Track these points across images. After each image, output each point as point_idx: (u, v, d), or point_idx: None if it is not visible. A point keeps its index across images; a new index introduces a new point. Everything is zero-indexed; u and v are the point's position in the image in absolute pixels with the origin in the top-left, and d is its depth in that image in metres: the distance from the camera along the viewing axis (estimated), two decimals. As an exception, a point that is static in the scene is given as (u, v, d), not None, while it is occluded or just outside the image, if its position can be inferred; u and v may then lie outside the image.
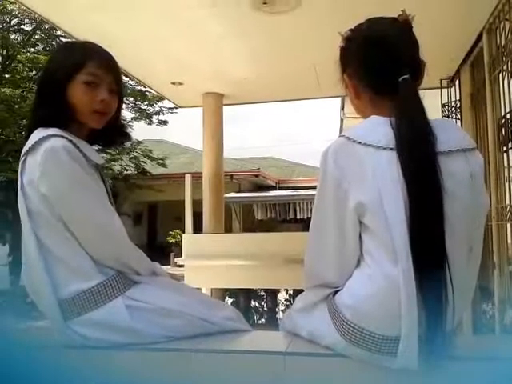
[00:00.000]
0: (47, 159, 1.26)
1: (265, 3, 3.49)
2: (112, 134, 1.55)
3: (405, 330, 1.06)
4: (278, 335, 1.40)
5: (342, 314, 1.17)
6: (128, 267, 1.35)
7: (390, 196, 1.11)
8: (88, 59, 1.40)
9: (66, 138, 1.30)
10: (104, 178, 1.48)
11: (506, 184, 3.29)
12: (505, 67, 3.47)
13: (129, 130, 1.62)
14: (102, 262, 1.31)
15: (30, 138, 1.33)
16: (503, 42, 3.53)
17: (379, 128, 1.19)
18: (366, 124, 1.24)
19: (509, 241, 3.24)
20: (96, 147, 1.57)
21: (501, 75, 3.56)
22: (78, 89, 1.38)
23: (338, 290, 1.22)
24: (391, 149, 1.15)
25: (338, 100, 12.83)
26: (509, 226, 3.24)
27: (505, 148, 3.40)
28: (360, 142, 1.17)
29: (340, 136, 1.23)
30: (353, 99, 1.36)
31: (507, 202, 3.28)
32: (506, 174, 3.33)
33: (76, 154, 1.30)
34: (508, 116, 3.40)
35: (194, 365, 1.27)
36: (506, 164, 3.35)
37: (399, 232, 1.09)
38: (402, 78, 1.19)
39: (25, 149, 1.32)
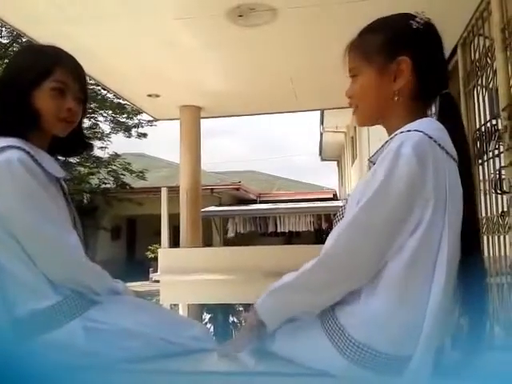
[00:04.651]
0: (1, 172, 1.20)
1: (240, 16, 3.48)
2: (73, 143, 1.48)
3: (422, 349, 1.01)
4: (246, 354, 1.34)
5: (348, 334, 1.08)
6: (85, 286, 1.27)
7: (452, 212, 1.06)
8: (56, 66, 1.33)
9: (24, 149, 1.23)
10: (65, 190, 1.42)
11: (482, 197, 3.29)
12: (479, 81, 3.50)
13: (89, 139, 1.56)
14: (57, 281, 1.24)
15: None
16: (477, 57, 3.56)
17: (446, 133, 1.11)
18: (434, 125, 1.12)
19: (485, 253, 3.23)
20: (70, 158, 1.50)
21: (475, 89, 3.59)
22: (45, 96, 1.31)
23: (333, 307, 1.14)
24: (454, 160, 1.10)
25: (318, 114, 13.00)
26: (485, 238, 3.24)
27: (480, 161, 3.41)
28: (439, 145, 1.07)
29: (415, 131, 1.07)
30: (388, 90, 1.17)
31: (483, 214, 3.28)
32: (481, 187, 3.33)
33: (32, 167, 1.23)
34: (483, 129, 3.42)
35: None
36: (481, 177, 3.36)
37: (448, 248, 1.04)
38: (446, 91, 1.17)
39: None
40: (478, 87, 3.54)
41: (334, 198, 18.58)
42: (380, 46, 1.18)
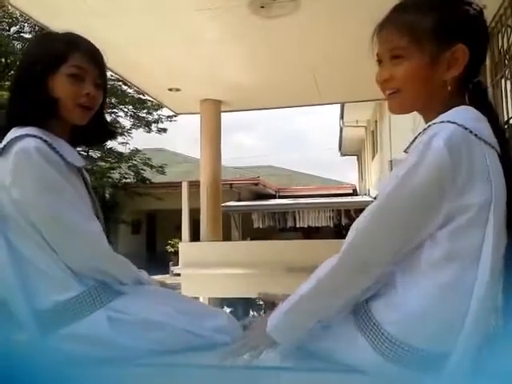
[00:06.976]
0: (19, 162, 1.18)
1: (262, 7, 3.44)
2: (96, 131, 1.46)
3: (462, 346, 0.97)
4: (274, 348, 1.31)
5: (383, 329, 1.04)
6: (109, 276, 1.25)
7: (498, 203, 1.00)
8: (72, 51, 1.31)
9: (41, 138, 1.21)
10: (87, 180, 1.40)
11: None
12: (507, 72, 3.41)
13: (113, 127, 1.53)
14: (80, 271, 1.22)
15: (5, 137, 1.24)
16: (505, 47, 3.47)
17: (484, 122, 1.07)
18: (470, 114, 1.07)
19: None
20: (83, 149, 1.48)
21: (503, 80, 3.50)
22: (62, 82, 1.29)
23: (367, 301, 1.10)
24: (494, 148, 1.05)
25: (337, 108, 12.88)
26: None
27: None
28: (476, 135, 1.01)
29: (449, 122, 1.02)
30: (438, 79, 1.11)
31: None
32: None
33: (50, 156, 1.21)
34: (511, 122, 3.33)
35: (178, 380, 1.19)
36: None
37: (493, 240, 0.99)
38: (477, 79, 1.14)
39: None
40: (506, 79, 3.45)
41: (354, 193, 18.44)
42: (434, 31, 1.10)
